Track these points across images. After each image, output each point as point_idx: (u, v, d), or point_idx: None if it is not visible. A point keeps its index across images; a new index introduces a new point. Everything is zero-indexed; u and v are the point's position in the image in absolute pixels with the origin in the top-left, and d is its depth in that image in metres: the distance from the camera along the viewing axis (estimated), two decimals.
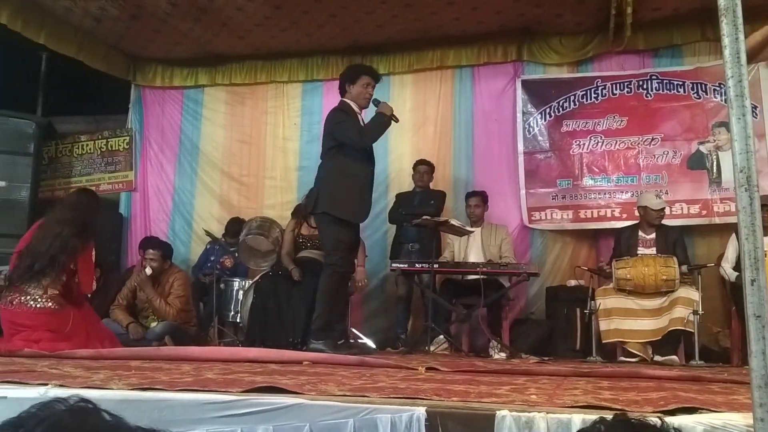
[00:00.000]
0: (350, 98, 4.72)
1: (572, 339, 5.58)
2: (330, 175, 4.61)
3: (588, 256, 6.37)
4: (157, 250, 5.50)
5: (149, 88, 7.63)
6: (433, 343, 5.32)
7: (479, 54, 6.74)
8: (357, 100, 4.71)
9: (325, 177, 4.64)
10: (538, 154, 6.54)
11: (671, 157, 6.18)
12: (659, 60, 6.46)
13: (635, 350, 4.99)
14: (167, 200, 7.38)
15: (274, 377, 2.44)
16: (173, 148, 7.51)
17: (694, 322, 4.82)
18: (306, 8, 6.14)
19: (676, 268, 4.95)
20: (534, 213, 6.45)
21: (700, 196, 6.01)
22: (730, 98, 1.60)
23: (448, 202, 6.34)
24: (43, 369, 2.76)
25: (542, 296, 6.12)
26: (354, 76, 4.74)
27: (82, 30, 6.66)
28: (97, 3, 6.10)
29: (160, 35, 6.80)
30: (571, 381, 2.77)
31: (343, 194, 4.57)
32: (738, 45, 1.62)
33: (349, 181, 4.62)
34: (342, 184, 4.57)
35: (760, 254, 1.51)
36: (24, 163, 6.78)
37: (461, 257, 5.84)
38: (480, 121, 6.79)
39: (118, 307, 5.40)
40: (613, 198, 6.28)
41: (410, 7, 6.08)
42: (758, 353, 1.47)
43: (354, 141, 4.64)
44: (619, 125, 6.33)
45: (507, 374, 3.08)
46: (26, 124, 6.86)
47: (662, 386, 2.59)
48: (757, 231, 1.52)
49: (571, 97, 6.46)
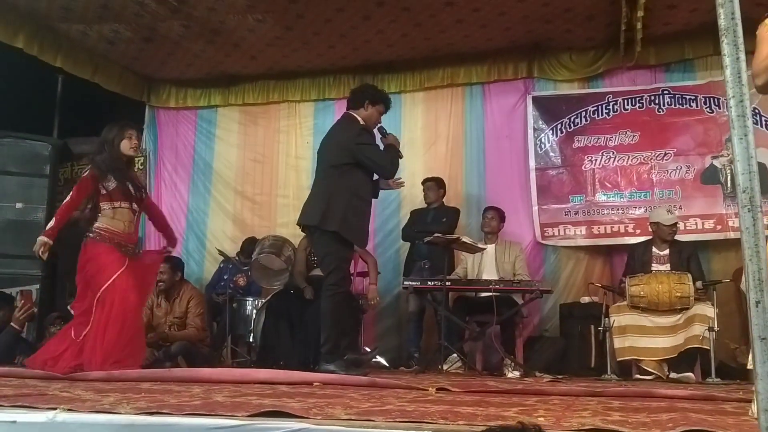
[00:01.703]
0: (363, 116, 4.57)
1: (587, 357, 5.52)
2: (343, 193, 4.39)
3: (602, 273, 6.32)
4: (166, 263, 5.56)
5: (163, 108, 7.72)
6: (447, 361, 5.31)
7: (489, 71, 6.76)
8: (368, 122, 4.59)
9: (336, 194, 4.40)
10: (550, 170, 6.53)
11: (684, 171, 6.14)
12: (671, 75, 6.44)
13: (650, 368, 4.94)
14: (181, 220, 7.43)
15: (283, 400, 2.44)
16: (187, 167, 7.57)
17: (710, 339, 4.76)
18: (317, 29, 6.20)
19: (691, 285, 4.91)
20: (547, 229, 6.42)
21: (715, 210, 5.96)
22: (731, 118, 1.59)
23: (461, 219, 6.34)
24: (54, 392, 2.78)
25: (556, 313, 6.08)
26: (376, 98, 4.62)
27: (96, 53, 6.78)
28: (111, 26, 6.21)
29: (174, 57, 6.90)
30: (582, 401, 2.75)
31: (354, 216, 4.44)
32: (739, 65, 1.62)
33: (361, 204, 4.51)
34: (354, 206, 4.42)
35: (765, 276, 1.49)
36: (40, 185, 6.84)
37: (475, 274, 5.83)
38: (491, 138, 6.79)
39: None
40: (627, 214, 6.24)
41: (420, 26, 6.12)
42: (764, 376, 1.45)
43: (386, 171, 4.53)
44: (631, 140, 6.31)
45: (518, 394, 3.06)
46: (42, 146, 6.93)
47: (674, 406, 2.56)
48: (761, 252, 1.50)
49: (583, 112, 6.45)
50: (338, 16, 5.91)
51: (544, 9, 5.80)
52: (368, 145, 4.47)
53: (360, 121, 4.55)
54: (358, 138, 4.44)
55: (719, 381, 4.71)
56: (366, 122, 4.58)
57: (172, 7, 5.76)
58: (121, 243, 4.33)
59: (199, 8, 5.82)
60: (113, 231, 4.32)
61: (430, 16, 5.92)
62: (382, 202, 5.94)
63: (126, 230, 4.37)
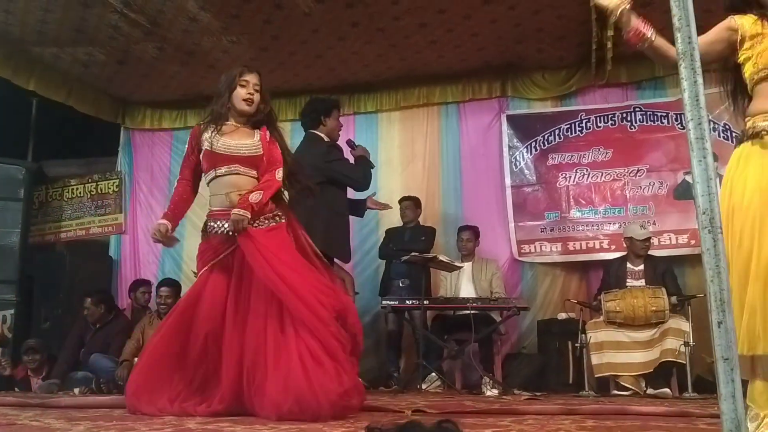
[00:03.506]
0: (325, 132, 4.58)
1: (565, 373, 5.54)
2: (321, 212, 4.34)
3: (578, 289, 6.37)
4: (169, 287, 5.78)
5: (138, 130, 7.69)
6: (426, 380, 5.30)
7: (464, 90, 6.83)
8: (332, 134, 4.60)
9: (315, 214, 4.28)
10: (526, 187, 6.58)
11: (657, 187, 6.22)
12: (642, 92, 6.54)
13: (628, 383, 4.95)
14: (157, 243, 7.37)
15: (255, 427, 2.42)
16: (162, 189, 7.52)
17: (685, 354, 4.80)
18: (292, 49, 6.23)
19: (665, 299, 4.96)
20: (523, 246, 6.46)
21: (688, 225, 6.02)
22: (690, 141, 1.63)
23: (438, 238, 6.36)
24: (24, 421, 2.73)
25: (534, 330, 6.09)
26: (328, 109, 4.65)
27: (70, 76, 6.75)
28: (85, 49, 6.19)
29: (148, 79, 6.88)
30: (557, 420, 2.76)
31: (336, 232, 4.44)
32: (697, 88, 1.66)
33: (340, 219, 4.53)
34: (334, 222, 4.43)
35: (727, 296, 1.52)
36: (14, 209, 6.79)
37: (453, 292, 5.85)
38: (467, 156, 6.84)
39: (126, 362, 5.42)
40: (601, 230, 6.30)
41: (395, 47, 6.17)
42: (728, 396, 1.46)
43: (359, 184, 4.56)
44: (604, 157, 6.39)
45: (494, 414, 3.06)
46: (16, 170, 6.89)
47: (648, 424, 2.57)
48: (722, 273, 1.53)
49: (556, 130, 6.52)
50: (313, 37, 5.94)
51: (516, 30, 5.88)
52: (338, 161, 4.51)
53: (324, 138, 4.55)
54: (327, 156, 4.47)
55: (696, 395, 4.73)
56: (330, 136, 4.59)
57: (146, 29, 5.76)
58: None
59: (173, 30, 5.83)
60: None
61: (405, 37, 5.98)
62: (360, 221, 5.93)
63: None
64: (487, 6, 5.48)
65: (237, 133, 3.31)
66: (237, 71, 3.35)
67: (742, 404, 1.45)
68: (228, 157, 3.24)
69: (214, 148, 3.24)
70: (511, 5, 5.47)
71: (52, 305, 6.73)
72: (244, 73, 3.34)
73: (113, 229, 7.51)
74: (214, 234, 3.25)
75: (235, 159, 3.25)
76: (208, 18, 5.62)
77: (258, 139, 3.33)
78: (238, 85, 3.31)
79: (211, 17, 5.61)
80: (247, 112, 3.33)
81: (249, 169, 3.28)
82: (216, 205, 3.30)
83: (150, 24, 5.68)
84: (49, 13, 5.54)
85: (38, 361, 5.92)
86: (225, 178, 3.26)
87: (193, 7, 5.44)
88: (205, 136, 3.29)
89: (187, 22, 5.69)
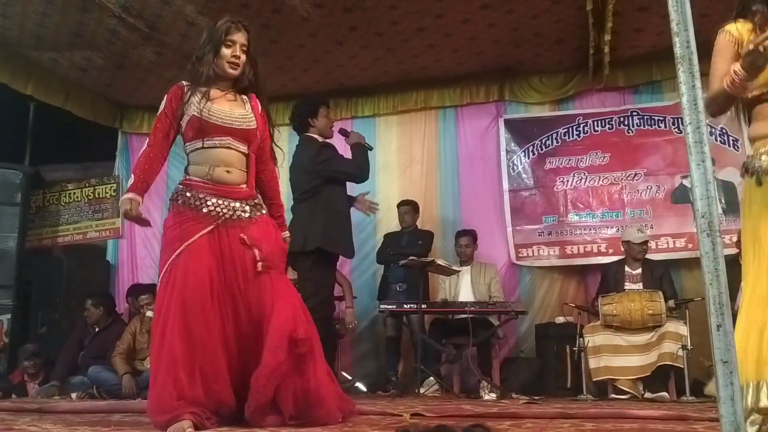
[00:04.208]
0: (317, 132, 4.56)
1: (563, 377, 5.54)
2: (319, 212, 4.37)
3: (576, 292, 6.37)
4: (147, 293, 5.61)
5: (136, 135, 7.67)
6: (424, 385, 5.30)
7: (462, 94, 6.84)
8: (325, 132, 4.58)
9: (312, 214, 4.36)
10: (523, 191, 6.59)
11: (655, 191, 6.23)
12: (639, 96, 6.55)
13: (626, 387, 4.96)
14: (154, 246, 7.35)
15: (254, 430, 2.42)
16: (160, 193, 7.49)
17: (683, 358, 4.81)
18: (290, 54, 6.24)
19: (662, 303, 4.97)
20: (521, 250, 6.46)
21: (686, 229, 6.03)
22: (689, 145, 1.63)
23: (435, 242, 6.37)
24: (21, 427, 2.73)
25: (532, 334, 6.09)
26: (313, 109, 4.60)
27: (68, 80, 6.75)
28: (83, 53, 6.19)
29: (146, 83, 6.88)
30: (555, 424, 2.76)
31: (335, 229, 4.43)
32: (695, 92, 1.67)
33: (339, 216, 4.51)
34: (332, 219, 4.40)
35: (725, 299, 1.52)
36: (11, 213, 6.77)
37: (452, 296, 5.85)
38: (465, 160, 6.85)
39: (119, 355, 5.41)
40: (599, 234, 6.31)
41: (392, 51, 6.18)
42: (726, 399, 1.46)
43: (355, 175, 4.54)
44: (601, 161, 6.40)
45: (492, 419, 3.06)
46: (13, 174, 6.88)
47: (646, 428, 2.57)
48: (720, 276, 1.53)
49: (554, 134, 6.53)
50: (311, 41, 5.95)
51: (513, 34, 5.89)
52: (330, 160, 4.47)
53: (318, 139, 4.54)
54: (318, 157, 4.43)
55: (693, 399, 4.74)
56: (324, 135, 4.58)
57: (144, 34, 5.76)
58: None
59: (172, 35, 5.82)
60: None
61: (403, 41, 5.99)
62: (357, 225, 5.92)
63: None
64: (485, 10, 5.49)
65: (225, 101, 2.92)
66: (223, 28, 2.91)
67: (741, 407, 1.45)
68: (220, 128, 2.84)
69: (205, 115, 2.81)
70: (509, 9, 5.48)
71: (50, 310, 6.72)
72: (231, 32, 2.91)
73: (111, 233, 7.50)
74: (189, 207, 2.81)
75: (227, 131, 2.86)
76: (206, 22, 5.59)
77: (250, 110, 2.95)
78: (223, 45, 2.89)
79: (209, 21, 5.50)
80: (231, 76, 2.93)
81: (240, 143, 2.89)
82: (196, 175, 2.88)
83: (148, 28, 5.68)
84: (47, 18, 5.53)
85: (37, 366, 5.91)
86: (213, 151, 2.85)
87: (191, 12, 5.45)
88: (193, 99, 2.85)
89: (185, 27, 5.69)
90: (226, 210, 2.81)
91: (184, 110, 2.86)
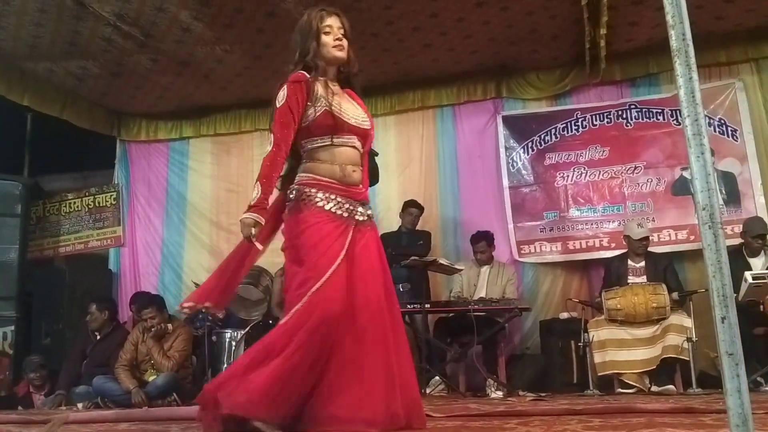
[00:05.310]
0: None
1: (569, 373, 5.53)
2: None
3: (579, 287, 6.37)
4: (150, 307, 5.54)
5: (134, 142, 7.69)
6: (430, 384, 5.29)
7: (459, 93, 6.84)
8: None
9: None
10: (523, 188, 6.58)
11: (655, 184, 6.22)
12: (637, 89, 6.55)
13: (631, 381, 4.95)
14: (156, 254, 7.37)
15: None
16: (161, 201, 7.52)
17: (688, 350, 4.80)
18: (286, 57, 6.16)
19: (666, 295, 4.96)
20: (523, 247, 6.46)
21: (687, 221, 6.02)
22: (688, 138, 1.62)
23: (436, 240, 6.37)
24: None
25: (536, 330, 6.09)
26: None
27: (64, 89, 6.76)
28: (78, 63, 6.20)
29: (143, 90, 6.88)
30: (563, 421, 2.74)
31: None
32: (692, 84, 1.65)
33: None
34: None
35: (729, 292, 1.51)
36: (12, 225, 6.77)
37: (469, 295, 5.82)
38: (464, 158, 6.84)
39: (122, 367, 5.38)
40: (601, 228, 6.30)
41: (389, 51, 6.17)
42: (733, 391, 1.46)
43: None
44: (601, 155, 6.39)
45: (499, 417, 3.05)
46: (13, 185, 6.87)
47: (653, 422, 2.56)
48: (723, 268, 1.52)
49: (552, 130, 6.53)
50: None
51: (509, 31, 5.89)
52: None
53: None
54: None
55: (700, 391, 4.73)
56: None
57: (139, 41, 5.76)
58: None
59: (167, 41, 5.82)
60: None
61: (399, 41, 5.98)
62: None
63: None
64: (480, 8, 5.49)
65: (345, 97, 2.72)
66: (316, 18, 2.68)
67: (748, 399, 1.44)
68: (349, 126, 2.62)
69: (336, 111, 2.59)
70: (504, 7, 5.48)
71: (53, 320, 6.72)
72: (324, 18, 2.68)
73: (112, 242, 7.50)
74: (323, 209, 2.55)
75: (353, 129, 2.64)
76: (201, 28, 5.62)
77: (362, 109, 2.74)
78: (322, 33, 2.68)
79: (204, 27, 5.61)
80: (341, 59, 2.70)
81: (360, 142, 2.68)
82: (325, 174, 2.60)
83: (143, 36, 5.68)
84: (41, 28, 5.54)
85: (43, 378, 5.91)
86: (342, 149, 2.62)
87: (186, 18, 5.44)
88: (319, 91, 2.62)
89: (181, 33, 5.69)
90: (355, 213, 2.62)
91: (310, 103, 2.61)
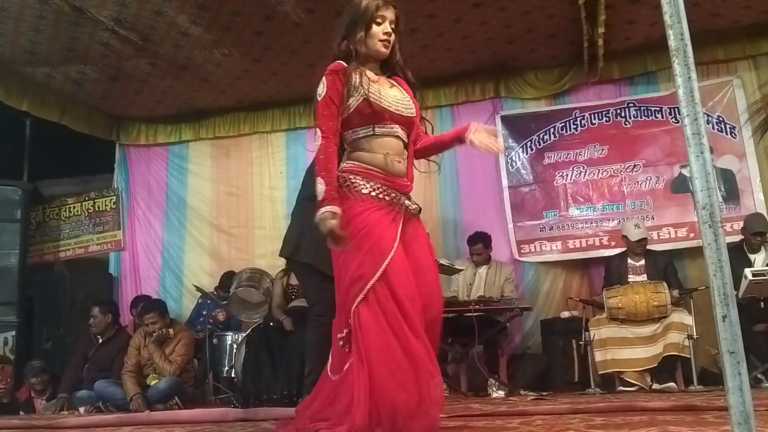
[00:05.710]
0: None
1: (570, 371, 5.53)
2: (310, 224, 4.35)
3: (580, 286, 6.37)
4: (152, 312, 5.51)
5: (134, 146, 7.69)
6: None
7: (457, 93, 6.83)
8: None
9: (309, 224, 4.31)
10: (523, 187, 6.58)
11: (654, 182, 6.22)
12: (635, 88, 6.55)
13: (633, 379, 4.95)
14: (156, 257, 7.38)
15: None
16: (160, 204, 7.53)
17: (689, 347, 4.80)
18: (284, 60, 6.24)
19: (667, 293, 4.96)
20: (523, 246, 6.46)
21: (687, 219, 6.03)
22: (687, 137, 1.63)
23: (436, 241, 6.35)
24: None
25: (538, 330, 6.09)
26: None
27: (63, 94, 6.76)
28: (77, 68, 6.20)
29: (142, 94, 6.89)
30: (565, 420, 2.75)
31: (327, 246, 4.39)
32: (691, 84, 1.66)
33: None
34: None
35: (730, 290, 1.52)
36: (12, 230, 6.78)
37: (465, 296, 5.82)
38: (463, 158, 6.83)
39: (129, 373, 5.35)
40: (600, 227, 6.31)
41: None
42: (735, 389, 1.46)
43: None
44: (600, 154, 6.40)
45: (501, 417, 3.05)
46: (12, 191, 6.88)
47: (655, 420, 2.57)
48: (724, 267, 1.53)
49: (551, 129, 6.53)
50: (304, 47, 5.94)
51: (506, 30, 5.89)
52: None
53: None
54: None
55: (702, 388, 4.74)
56: None
57: (138, 45, 5.76)
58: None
59: (165, 45, 5.83)
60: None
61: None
62: None
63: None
64: (477, 9, 5.49)
65: (387, 84, 2.63)
66: (373, 5, 2.58)
67: (750, 397, 1.45)
68: (392, 114, 2.55)
69: (375, 98, 2.51)
70: (501, 7, 5.48)
71: (54, 325, 6.72)
72: (381, 8, 2.58)
73: (112, 246, 7.50)
74: (369, 195, 2.51)
75: (396, 118, 2.57)
76: (199, 32, 5.63)
77: (408, 96, 2.66)
78: (374, 22, 2.58)
79: (203, 31, 5.61)
80: (382, 56, 2.62)
81: (403, 132, 2.62)
82: (370, 163, 2.55)
83: (141, 40, 5.68)
84: (40, 33, 5.54)
85: (44, 383, 5.91)
86: (385, 139, 2.57)
87: (184, 22, 5.45)
88: (357, 79, 2.53)
89: (179, 37, 5.69)
90: (404, 204, 2.57)
91: (350, 92, 2.53)
